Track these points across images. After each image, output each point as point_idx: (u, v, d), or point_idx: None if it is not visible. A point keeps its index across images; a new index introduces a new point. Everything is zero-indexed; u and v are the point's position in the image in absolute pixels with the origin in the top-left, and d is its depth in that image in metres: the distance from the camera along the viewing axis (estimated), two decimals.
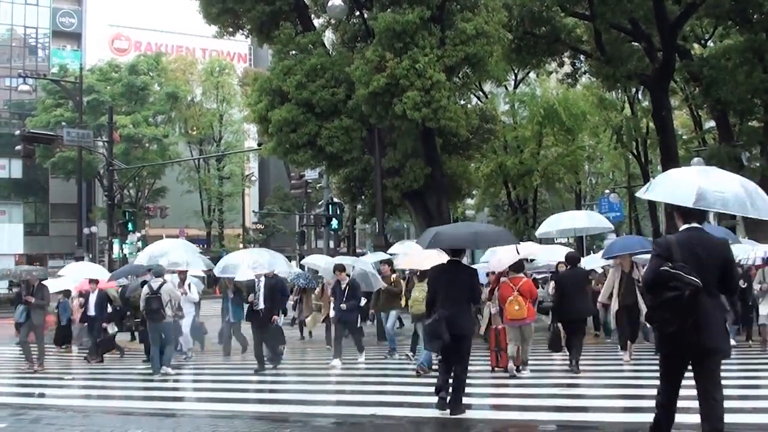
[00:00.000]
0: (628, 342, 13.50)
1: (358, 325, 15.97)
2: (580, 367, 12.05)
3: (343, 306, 14.43)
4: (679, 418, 5.71)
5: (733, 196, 5.99)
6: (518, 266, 12.40)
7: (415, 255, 13.85)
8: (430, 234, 9.96)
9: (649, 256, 8.22)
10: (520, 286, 12.06)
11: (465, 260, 10.47)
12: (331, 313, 16.03)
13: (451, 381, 8.86)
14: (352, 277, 15.10)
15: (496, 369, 12.32)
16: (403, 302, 15.54)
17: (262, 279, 14.14)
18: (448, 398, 8.77)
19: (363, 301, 15.62)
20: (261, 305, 14.00)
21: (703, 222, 6.10)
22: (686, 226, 6.01)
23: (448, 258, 9.55)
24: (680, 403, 5.92)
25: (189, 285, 16.77)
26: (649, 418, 7.96)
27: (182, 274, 16.64)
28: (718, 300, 5.89)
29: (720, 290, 5.88)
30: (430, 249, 10.45)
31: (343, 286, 14.61)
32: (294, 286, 21.00)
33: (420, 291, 12.77)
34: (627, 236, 16.40)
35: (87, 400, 11.98)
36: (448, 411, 8.68)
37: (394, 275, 16.39)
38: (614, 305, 13.80)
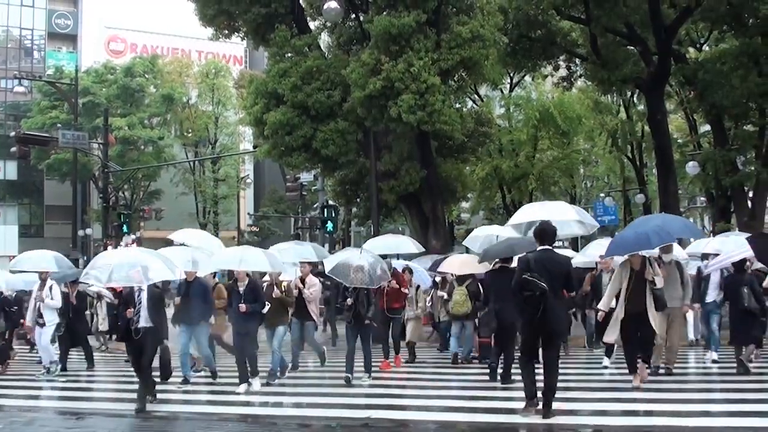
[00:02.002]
0: (639, 362, 10.75)
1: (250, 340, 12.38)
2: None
3: (242, 306, 11.50)
4: (678, 421, 5.75)
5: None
6: None
7: (455, 260, 14.99)
8: (483, 252, 13.11)
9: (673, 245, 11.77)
10: None
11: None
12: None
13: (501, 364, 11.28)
14: (253, 277, 12.21)
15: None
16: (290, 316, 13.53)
17: (144, 289, 10.53)
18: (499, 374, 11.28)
19: (266, 307, 12.23)
20: (142, 323, 10.38)
21: (552, 245, 9.13)
22: (541, 247, 8.90)
23: (499, 264, 11.84)
24: (679, 407, 5.93)
25: (50, 288, 14.42)
26: (650, 421, 7.99)
27: (43, 274, 14.59)
28: (562, 299, 9.02)
29: (566, 291, 9.16)
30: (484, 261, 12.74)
31: (242, 288, 11.76)
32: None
33: (460, 294, 13.90)
34: (641, 221, 13.64)
35: (80, 402, 11.92)
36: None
37: (285, 280, 13.11)
38: (618, 312, 10.66)
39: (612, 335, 10.84)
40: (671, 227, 11.49)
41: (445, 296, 14.81)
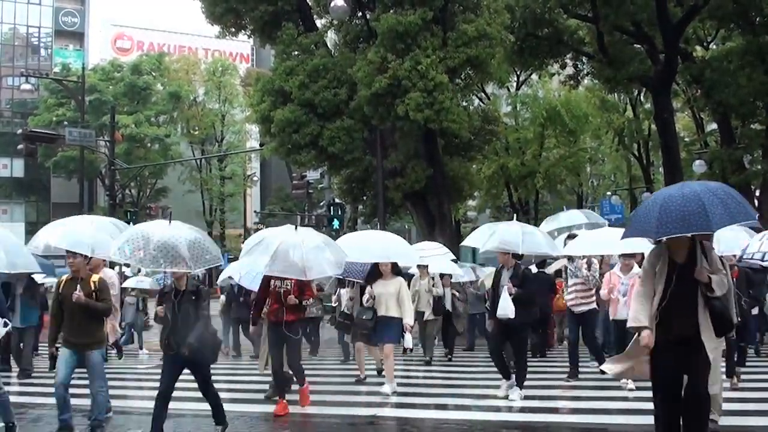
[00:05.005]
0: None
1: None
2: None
3: (6, 325, 8.16)
4: None
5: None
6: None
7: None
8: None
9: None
10: None
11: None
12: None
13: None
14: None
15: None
16: (108, 328, 8.93)
17: None
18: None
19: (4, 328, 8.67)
20: None
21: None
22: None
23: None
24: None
25: None
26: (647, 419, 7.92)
27: None
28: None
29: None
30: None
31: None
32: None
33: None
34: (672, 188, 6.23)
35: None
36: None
37: (96, 275, 8.60)
38: (645, 338, 5.97)
39: (616, 366, 6.58)
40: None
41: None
